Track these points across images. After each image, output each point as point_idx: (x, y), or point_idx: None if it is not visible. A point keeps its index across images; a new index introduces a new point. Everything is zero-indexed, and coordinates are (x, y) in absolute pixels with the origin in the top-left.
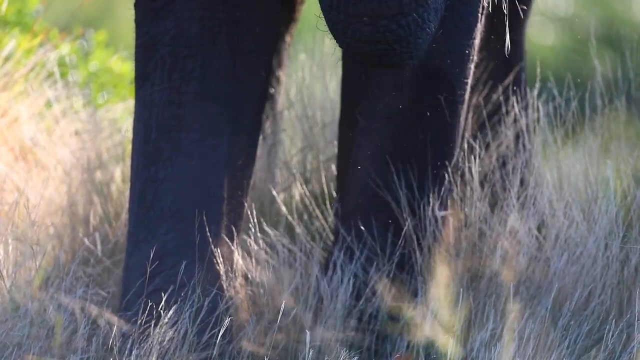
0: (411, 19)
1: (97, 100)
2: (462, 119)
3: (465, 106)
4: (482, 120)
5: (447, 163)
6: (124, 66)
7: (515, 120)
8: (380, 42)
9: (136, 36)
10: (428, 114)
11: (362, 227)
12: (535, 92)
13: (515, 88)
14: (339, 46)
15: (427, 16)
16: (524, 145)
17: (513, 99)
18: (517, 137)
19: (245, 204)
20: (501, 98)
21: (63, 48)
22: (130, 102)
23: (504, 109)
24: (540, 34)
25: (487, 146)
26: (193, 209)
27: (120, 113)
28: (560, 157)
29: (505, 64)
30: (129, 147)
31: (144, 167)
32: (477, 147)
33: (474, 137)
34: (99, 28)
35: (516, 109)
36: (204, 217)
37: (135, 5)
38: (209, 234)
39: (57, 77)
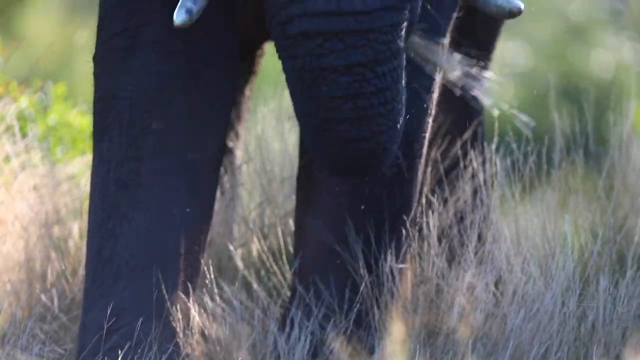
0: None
1: (55, 155)
2: (419, 174)
3: (423, 161)
4: (440, 174)
5: (404, 218)
6: (83, 120)
7: (473, 175)
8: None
9: (95, 90)
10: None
11: (319, 284)
12: (494, 146)
13: (473, 142)
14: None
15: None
16: (481, 200)
17: (471, 153)
18: (475, 192)
19: (202, 260)
20: (459, 152)
21: (22, 101)
22: (89, 157)
23: (461, 164)
24: (499, 90)
25: (445, 201)
26: (150, 264)
27: (79, 168)
28: (518, 212)
29: (464, 118)
30: (87, 203)
31: (102, 222)
32: (435, 201)
33: (432, 192)
34: (58, 81)
35: (474, 163)
36: (161, 273)
37: (94, 58)
38: (165, 290)
39: (15, 131)
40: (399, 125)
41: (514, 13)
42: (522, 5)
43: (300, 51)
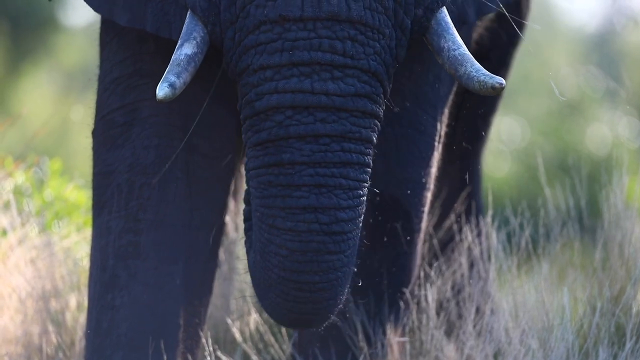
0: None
1: (51, 229)
2: (419, 247)
3: (422, 234)
4: (440, 247)
5: (404, 291)
6: (79, 195)
7: (469, 247)
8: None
9: (93, 164)
10: (385, 242)
11: (319, 356)
12: (489, 219)
13: (471, 215)
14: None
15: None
16: (478, 273)
17: (467, 225)
18: (471, 264)
19: (201, 332)
20: (454, 225)
21: (18, 176)
22: (85, 231)
23: (457, 237)
24: (495, 165)
25: (442, 273)
26: (149, 336)
27: (75, 241)
28: (515, 285)
29: (460, 189)
30: (84, 276)
31: (101, 294)
32: (433, 274)
33: (429, 264)
34: (54, 157)
35: (470, 235)
36: (160, 345)
37: (93, 133)
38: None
39: (12, 205)
40: (350, 267)
41: (496, 88)
42: (504, 81)
43: (268, 124)
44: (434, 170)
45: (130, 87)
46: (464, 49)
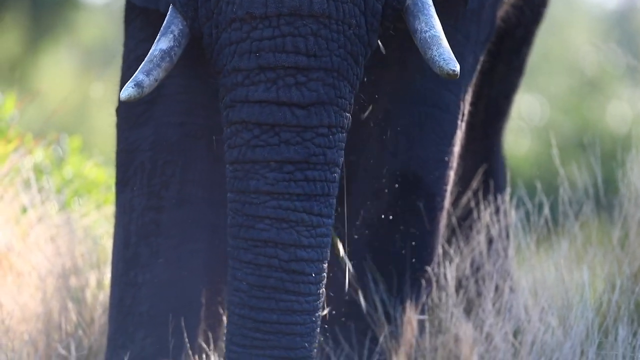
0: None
1: (71, 206)
2: (441, 226)
3: (444, 213)
4: (459, 224)
5: (425, 270)
6: (98, 172)
7: (487, 226)
8: None
9: (117, 141)
10: (407, 220)
11: (339, 333)
12: (508, 197)
13: (489, 194)
14: None
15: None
16: (497, 251)
17: (490, 204)
18: (490, 242)
19: (223, 311)
20: (472, 203)
21: (37, 154)
22: (105, 209)
23: (476, 215)
24: (515, 143)
25: (461, 251)
26: (171, 314)
27: (95, 219)
28: (534, 263)
29: (485, 170)
30: (104, 253)
31: (123, 272)
32: (452, 252)
33: (448, 242)
34: (73, 134)
35: (487, 215)
36: (182, 323)
37: (117, 111)
38: (187, 339)
39: (31, 183)
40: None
41: (450, 75)
42: (457, 68)
43: (239, 141)
44: (457, 149)
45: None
46: (436, 30)
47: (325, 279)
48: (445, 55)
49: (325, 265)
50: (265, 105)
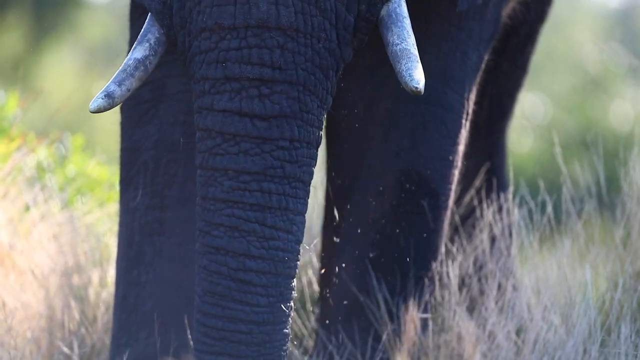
0: None
1: (74, 205)
2: (445, 225)
3: (448, 212)
4: (461, 223)
5: (429, 268)
6: (101, 170)
7: (489, 224)
8: None
9: (121, 140)
10: (411, 219)
11: (342, 331)
12: (510, 195)
13: (492, 192)
14: None
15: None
16: (500, 250)
17: (493, 202)
18: (493, 240)
19: None
20: (475, 202)
21: (40, 152)
22: (108, 207)
23: (478, 213)
24: (518, 141)
25: (464, 249)
26: (174, 313)
27: (98, 217)
28: (537, 261)
29: (489, 168)
30: (106, 252)
31: (127, 270)
32: (455, 250)
33: (451, 240)
34: (76, 132)
35: (490, 213)
36: (185, 321)
37: (121, 109)
38: (190, 338)
39: (34, 181)
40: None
41: (413, 91)
42: (420, 85)
43: (203, 147)
44: (461, 148)
45: (158, 64)
46: (407, 43)
47: (291, 293)
48: (411, 70)
49: (285, 280)
50: (228, 114)
